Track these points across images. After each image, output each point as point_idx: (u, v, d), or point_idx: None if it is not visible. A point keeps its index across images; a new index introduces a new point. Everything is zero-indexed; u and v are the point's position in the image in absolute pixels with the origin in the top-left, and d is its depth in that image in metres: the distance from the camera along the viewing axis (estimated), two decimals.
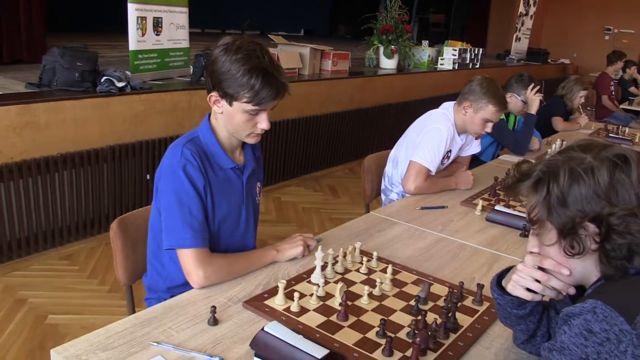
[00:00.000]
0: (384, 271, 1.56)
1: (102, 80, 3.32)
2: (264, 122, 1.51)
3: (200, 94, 3.75)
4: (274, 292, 1.41)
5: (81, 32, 7.08)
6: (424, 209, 2.22)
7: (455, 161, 2.68)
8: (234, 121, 1.51)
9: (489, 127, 2.50)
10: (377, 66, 6.35)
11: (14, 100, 2.95)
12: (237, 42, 1.45)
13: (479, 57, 7.72)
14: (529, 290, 1.11)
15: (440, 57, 7.13)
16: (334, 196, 4.65)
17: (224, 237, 1.60)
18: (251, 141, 1.58)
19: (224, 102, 1.49)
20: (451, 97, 2.64)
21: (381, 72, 6.09)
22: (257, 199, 1.73)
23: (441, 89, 6.50)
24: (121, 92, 3.36)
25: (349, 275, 1.57)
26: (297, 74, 5.01)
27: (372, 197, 2.74)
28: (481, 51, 7.80)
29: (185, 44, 4.23)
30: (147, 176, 3.53)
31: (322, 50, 5.29)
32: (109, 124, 3.31)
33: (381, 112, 5.73)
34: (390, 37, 6.16)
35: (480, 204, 2.24)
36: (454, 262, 1.75)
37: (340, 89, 5.20)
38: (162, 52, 3.98)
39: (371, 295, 1.44)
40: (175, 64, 4.17)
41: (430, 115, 2.62)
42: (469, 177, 2.53)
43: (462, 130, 2.56)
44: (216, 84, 1.47)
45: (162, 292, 1.63)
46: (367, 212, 2.23)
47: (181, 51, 4.21)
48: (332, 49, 5.44)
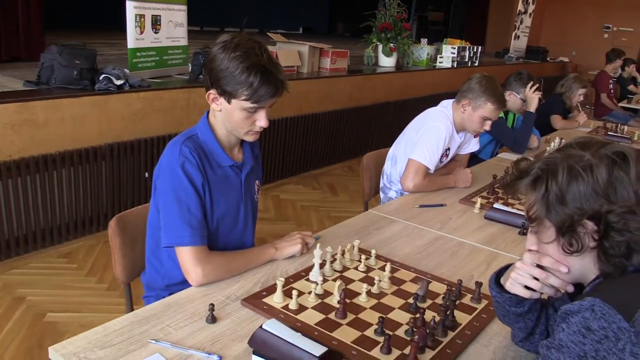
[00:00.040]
0: (383, 269, 1.56)
1: (101, 78, 3.31)
2: (262, 120, 1.51)
3: (198, 92, 3.75)
4: (272, 289, 1.41)
5: (80, 30, 7.07)
6: (422, 207, 2.22)
7: (454, 159, 2.68)
8: (233, 119, 1.51)
9: (487, 125, 2.50)
10: (376, 64, 6.35)
11: (12, 98, 2.95)
12: (236, 39, 1.44)
13: (478, 55, 7.72)
14: (527, 288, 1.11)
15: (439, 55, 7.13)
16: (332, 194, 4.65)
17: (222, 235, 1.60)
18: (250, 139, 1.58)
19: (222, 100, 1.48)
20: (450, 95, 2.64)
21: (380, 70, 6.08)
22: (255, 196, 1.73)
23: (440, 87, 6.50)
24: (120, 90, 3.35)
25: (347, 273, 1.57)
26: (296, 72, 5.01)
27: (371, 195, 2.74)
28: (480, 49, 7.80)
29: (183, 42, 4.22)
30: (146, 174, 3.53)
31: (320, 48, 5.29)
32: (107, 122, 3.30)
33: (380, 110, 5.73)
34: (389, 35, 6.16)
35: (478, 202, 2.24)
36: (453, 260, 1.75)
37: (339, 87, 5.20)
38: (161, 50, 3.97)
39: (369, 293, 1.44)
40: (173, 62, 4.16)
41: (428, 113, 2.62)
42: (468, 175, 2.53)
43: (460, 128, 2.56)
44: (214, 82, 1.46)
45: (161, 289, 1.63)
46: (366, 210, 2.23)
47: (180, 49, 4.20)
48: (331, 47, 5.43)
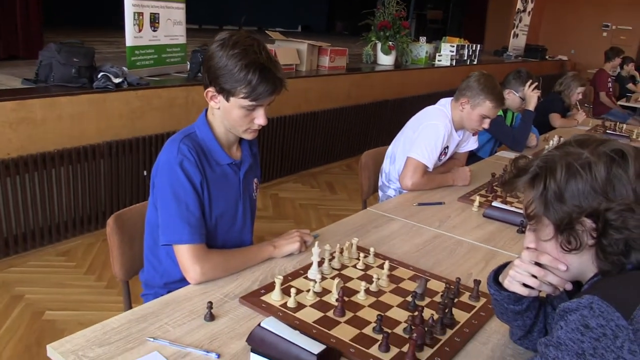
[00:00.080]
0: (381, 267, 1.56)
1: (99, 76, 3.31)
2: (261, 118, 1.50)
3: (197, 90, 3.74)
4: (270, 287, 1.41)
5: (78, 28, 7.05)
6: (421, 205, 2.22)
7: (452, 157, 2.68)
8: (231, 117, 1.50)
9: (486, 123, 2.50)
10: (375, 62, 6.35)
11: (10, 96, 2.95)
12: (234, 37, 1.44)
13: (477, 53, 7.72)
14: (525, 285, 1.11)
15: (437, 54, 7.13)
16: (331, 192, 4.65)
17: (221, 233, 1.59)
18: (248, 137, 1.58)
19: (220, 98, 1.48)
20: (449, 94, 2.64)
21: (379, 69, 6.08)
22: (254, 194, 1.73)
23: (439, 85, 6.50)
24: (118, 88, 3.35)
25: (345, 271, 1.57)
26: (295, 70, 5.00)
27: (370, 194, 2.74)
28: (479, 47, 7.80)
29: (182, 40, 4.22)
30: (144, 172, 3.52)
31: (319, 46, 5.28)
32: (105, 120, 3.30)
33: (378, 109, 5.73)
34: (387, 34, 6.16)
35: (477, 200, 2.24)
36: (451, 258, 1.75)
37: (337, 85, 5.20)
38: (159, 48, 3.96)
39: (368, 291, 1.44)
40: (172, 60, 4.16)
41: (427, 111, 2.61)
42: (466, 174, 2.53)
43: (459, 126, 2.56)
44: (213, 80, 1.46)
45: (159, 287, 1.63)
46: (365, 208, 2.22)
47: (178, 47, 4.20)
48: (330, 45, 5.43)
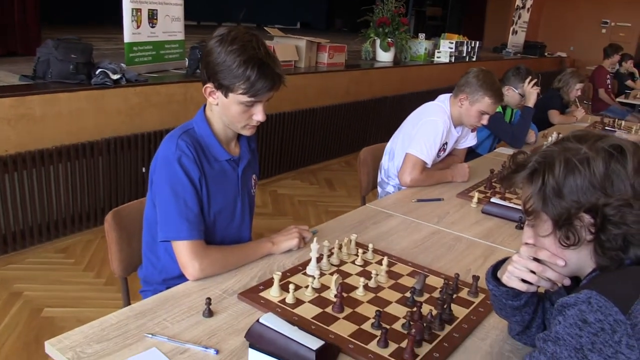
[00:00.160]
0: (380, 263, 1.56)
1: (97, 72, 3.30)
2: (259, 114, 1.50)
3: (195, 86, 3.74)
4: (269, 284, 1.41)
5: (76, 24, 7.03)
6: (419, 201, 2.22)
7: (451, 154, 2.68)
8: (230, 113, 1.50)
9: (485, 120, 2.50)
10: (374, 59, 6.34)
11: (8, 92, 2.94)
12: (233, 33, 1.44)
13: (476, 50, 7.71)
14: (524, 281, 1.12)
15: (436, 50, 7.11)
16: (330, 189, 4.64)
17: (219, 229, 1.59)
18: (247, 133, 1.57)
19: (219, 94, 1.48)
20: (448, 90, 2.63)
21: (378, 65, 6.07)
22: (252, 191, 1.73)
23: (437, 82, 6.49)
24: (116, 84, 3.34)
25: (344, 267, 1.57)
26: (293, 66, 4.99)
27: (368, 190, 2.74)
28: (478, 44, 7.79)
29: (180, 37, 4.21)
30: (143, 169, 3.52)
31: (318, 43, 5.27)
32: (104, 117, 3.29)
33: (377, 105, 5.72)
34: (386, 30, 6.14)
35: (476, 196, 2.24)
36: (450, 254, 1.75)
37: (336, 81, 5.19)
38: (157, 45, 3.96)
39: (366, 287, 1.44)
40: (170, 57, 4.15)
41: (426, 107, 2.61)
42: (465, 170, 2.53)
43: (458, 122, 2.56)
44: (211, 75, 1.46)
45: (158, 284, 1.62)
46: (363, 205, 2.22)
47: (176, 43, 4.19)
48: (329, 41, 5.42)
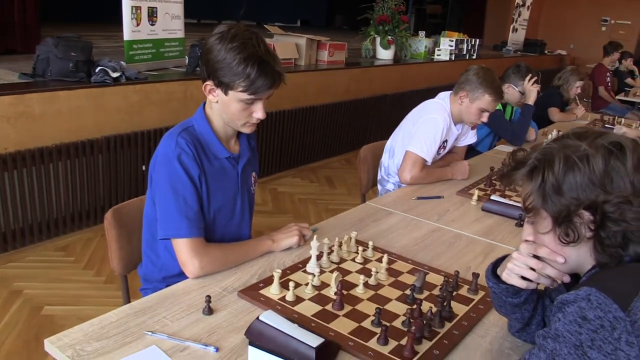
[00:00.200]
0: (380, 260, 1.56)
1: (97, 70, 3.30)
2: (259, 112, 1.50)
3: (195, 84, 3.73)
4: (269, 281, 1.41)
5: (76, 22, 7.02)
6: (419, 199, 2.22)
7: (451, 151, 2.67)
8: (230, 110, 1.50)
9: (485, 117, 2.50)
10: (374, 57, 6.33)
11: (8, 90, 2.93)
12: (233, 30, 1.43)
13: (476, 48, 7.70)
14: (523, 278, 1.11)
15: (437, 48, 7.11)
16: (330, 187, 4.64)
17: (219, 227, 1.59)
18: (247, 131, 1.57)
19: (219, 91, 1.48)
20: (448, 88, 2.63)
21: (378, 63, 6.07)
22: (252, 188, 1.73)
23: (438, 79, 6.48)
24: (116, 82, 3.34)
25: (344, 264, 1.57)
26: (294, 64, 4.99)
27: (368, 188, 2.74)
28: (478, 42, 7.78)
29: (180, 34, 4.20)
30: (143, 167, 3.52)
31: (318, 40, 5.27)
32: (104, 115, 3.29)
33: (377, 103, 5.72)
34: (387, 28, 6.14)
35: (476, 194, 2.24)
36: (450, 252, 1.75)
37: (336, 79, 5.19)
38: (157, 43, 3.95)
39: (367, 284, 1.44)
40: (170, 55, 4.14)
41: (426, 105, 2.61)
42: (465, 167, 2.53)
43: (458, 120, 2.56)
44: (211, 73, 1.45)
45: (158, 282, 1.62)
46: (363, 203, 2.22)
47: (176, 41, 4.18)
48: (329, 39, 5.41)
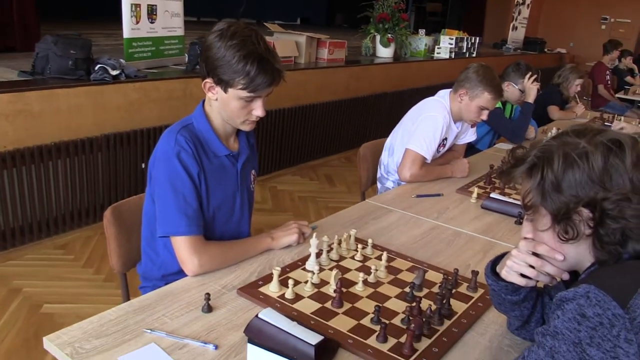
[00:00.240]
0: (379, 258, 1.56)
1: (96, 68, 3.29)
2: (259, 109, 1.50)
3: (195, 82, 3.73)
4: (268, 279, 1.41)
5: (75, 20, 7.02)
6: (419, 196, 2.22)
7: (451, 149, 2.67)
8: (229, 108, 1.49)
9: (484, 115, 2.50)
10: (374, 55, 6.33)
11: (7, 88, 2.93)
12: (232, 27, 1.43)
13: (476, 46, 7.70)
14: (523, 276, 1.11)
15: (437, 46, 7.11)
16: (330, 185, 4.64)
17: (218, 225, 1.59)
18: (246, 128, 1.57)
19: (218, 89, 1.47)
20: (447, 86, 2.63)
21: (378, 61, 6.06)
22: (251, 186, 1.73)
23: (437, 78, 6.48)
24: (115, 80, 3.33)
25: (343, 262, 1.57)
26: (293, 62, 4.98)
27: (368, 186, 2.74)
28: (478, 40, 7.78)
29: (180, 32, 4.20)
30: (143, 165, 3.51)
31: (318, 38, 5.26)
32: (103, 113, 3.29)
33: (377, 101, 5.72)
34: (386, 26, 6.13)
35: (475, 191, 2.24)
36: (449, 250, 1.75)
37: (336, 77, 5.18)
38: (157, 40, 3.94)
39: (366, 282, 1.44)
40: (170, 52, 4.14)
41: (426, 103, 2.61)
42: (465, 165, 2.53)
43: (457, 118, 2.56)
44: (211, 70, 1.45)
45: (157, 280, 1.62)
46: (363, 200, 2.22)
47: (176, 39, 4.18)
48: (329, 37, 5.41)
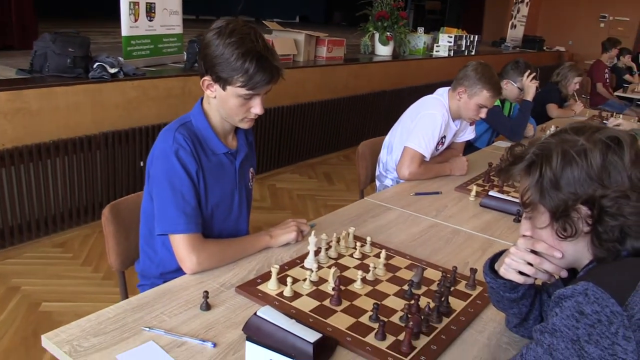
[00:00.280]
0: (378, 256, 1.56)
1: (95, 66, 3.28)
2: (257, 107, 1.49)
3: (193, 80, 3.72)
4: (267, 277, 1.40)
5: (74, 18, 7.00)
6: (418, 194, 2.22)
7: (450, 147, 2.67)
8: (228, 106, 1.49)
9: (483, 113, 2.50)
10: (373, 53, 6.32)
11: (5, 86, 2.93)
12: (231, 25, 1.43)
13: (475, 44, 7.70)
14: (521, 273, 1.11)
15: (435, 44, 7.10)
16: (329, 183, 4.64)
17: (217, 223, 1.59)
18: (244, 126, 1.57)
19: (217, 87, 1.47)
20: (446, 84, 2.62)
21: (376, 59, 6.06)
22: (249, 184, 1.72)
23: (436, 76, 6.47)
24: (114, 78, 3.33)
25: (342, 260, 1.57)
26: (292, 60, 4.98)
27: (367, 183, 2.74)
28: (477, 38, 7.78)
29: (178, 30, 4.19)
30: (141, 163, 3.51)
31: (317, 36, 5.26)
32: (101, 111, 3.28)
33: (376, 99, 5.71)
34: (385, 24, 6.13)
35: (474, 189, 2.24)
36: (448, 247, 1.75)
37: (335, 75, 5.18)
38: (155, 38, 3.94)
39: (364, 280, 1.44)
40: (168, 50, 4.13)
41: (424, 101, 2.61)
42: (464, 163, 2.53)
43: (456, 116, 2.56)
44: (209, 68, 1.45)
45: (155, 278, 1.62)
46: (362, 198, 2.22)
47: (174, 37, 4.17)
48: (328, 35, 5.40)
